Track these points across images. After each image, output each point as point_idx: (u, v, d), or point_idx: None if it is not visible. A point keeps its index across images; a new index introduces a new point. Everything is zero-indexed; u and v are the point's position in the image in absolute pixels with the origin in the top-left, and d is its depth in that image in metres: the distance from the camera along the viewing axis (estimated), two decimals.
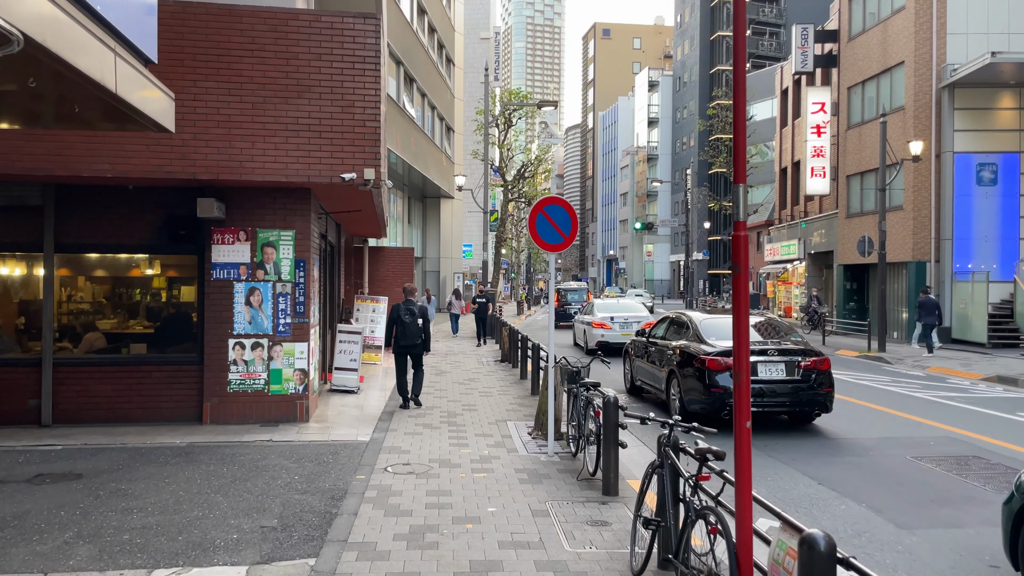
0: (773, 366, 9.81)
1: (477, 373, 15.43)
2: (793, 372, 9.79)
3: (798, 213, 33.91)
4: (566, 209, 8.24)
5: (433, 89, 35.22)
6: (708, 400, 9.75)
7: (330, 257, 14.75)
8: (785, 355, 9.92)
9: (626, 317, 20.04)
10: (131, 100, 4.49)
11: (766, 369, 9.75)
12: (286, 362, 9.49)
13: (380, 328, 16.61)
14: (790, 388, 9.77)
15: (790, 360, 9.84)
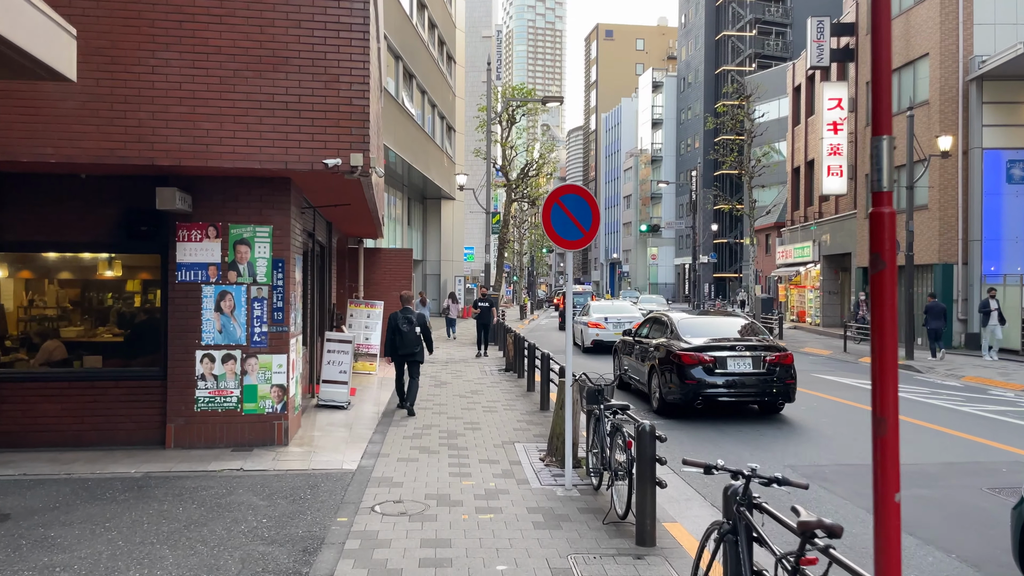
0: (741, 360, 10.87)
1: (480, 384, 14.21)
2: (759, 366, 10.87)
3: (812, 214, 32.69)
4: (586, 199, 7.02)
5: (433, 87, 34.07)
6: (682, 392, 10.86)
7: (320, 258, 13.55)
8: (752, 350, 10.96)
9: (619, 318, 21.46)
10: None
11: (734, 363, 10.84)
12: (262, 377, 8.27)
13: (375, 335, 15.40)
14: (756, 380, 10.83)
15: (756, 355, 10.89)
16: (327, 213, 12.20)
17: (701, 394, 10.73)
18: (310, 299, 11.73)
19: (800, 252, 33.39)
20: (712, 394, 10.75)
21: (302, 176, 8.13)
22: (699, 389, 10.72)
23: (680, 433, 9.97)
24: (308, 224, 10.93)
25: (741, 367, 10.82)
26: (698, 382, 10.71)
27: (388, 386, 13.72)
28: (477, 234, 57.66)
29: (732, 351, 10.92)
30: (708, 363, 10.78)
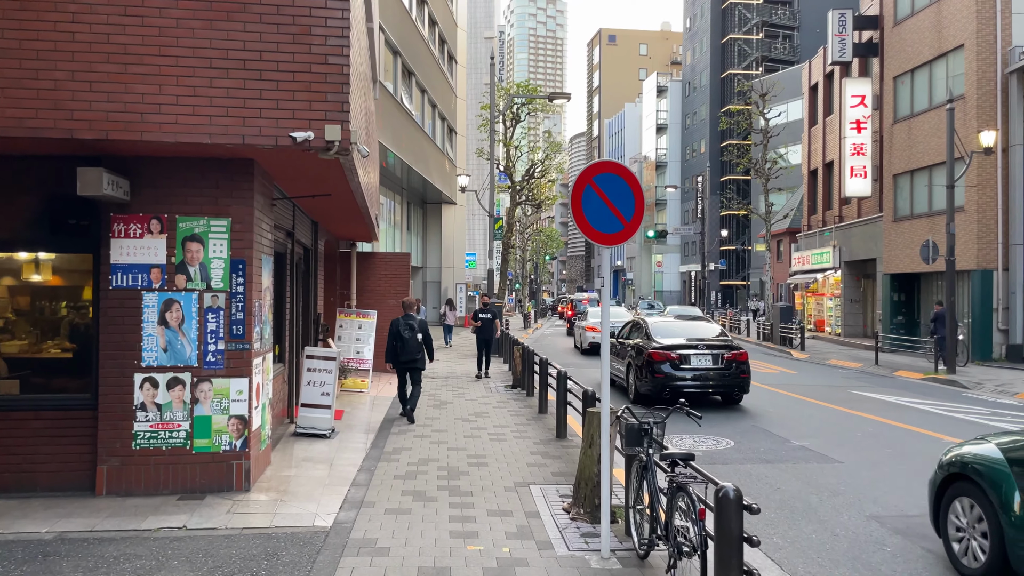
0: (703, 357, 12.53)
1: (485, 404, 12.59)
2: (718, 362, 12.56)
3: (831, 218, 31.10)
4: (626, 180, 5.42)
5: (434, 86, 32.56)
6: (652, 384, 12.52)
7: (305, 262, 11.95)
8: (712, 349, 12.64)
9: (613, 322, 23.05)
10: None
11: (697, 360, 12.53)
12: (217, 406, 6.66)
13: (368, 348, 13.80)
14: (716, 374, 12.48)
15: (716, 353, 12.57)
16: (309, 209, 10.60)
17: (668, 386, 12.37)
18: (291, 309, 10.13)
19: (818, 258, 31.78)
20: (678, 386, 12.34)
21: (267, 156, 6.53)
22: (667, 382, 12.43)
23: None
24: (285, 221, 9.33)
25: (703, 363, 12.55)
26: (666, 376, 12.48)
27: (381, 406, 12.11)
28: (479, 240, 56.03)
29: (695, 349, 12.68)
30: (674, 359, 12.52)
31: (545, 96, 24.54)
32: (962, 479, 5.39)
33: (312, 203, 10.15)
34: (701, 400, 13.03)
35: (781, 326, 27.76)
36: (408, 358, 10.82)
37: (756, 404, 13.24)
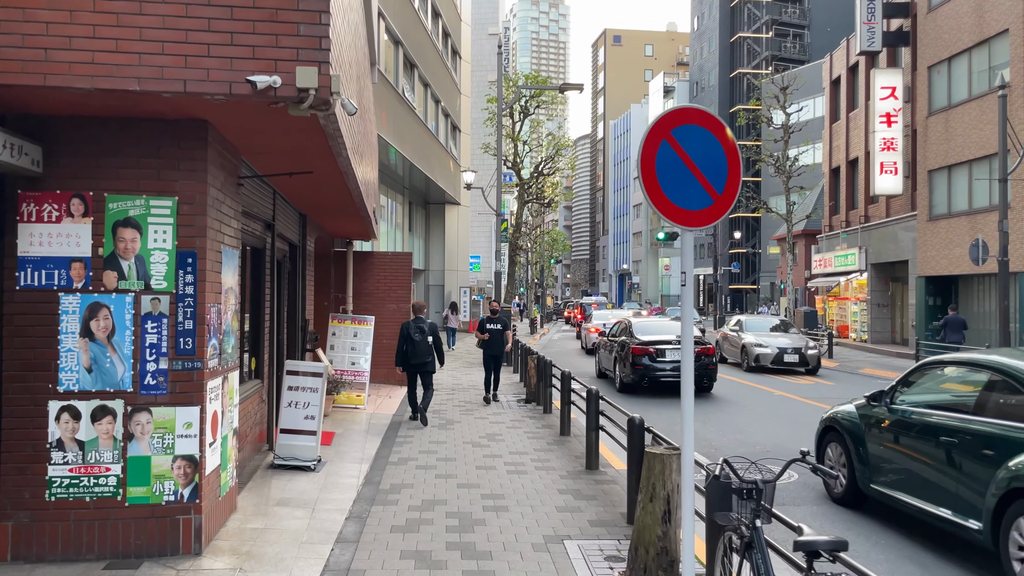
0: (676, 351, 14.10)
1: (497, 423, 10.99)
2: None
3: (856, 218, 29.49)
4: (718, 136, 3.86)
5: (437, 80, 31.05)
6: (633, 374, 14.51)
7: (291, 261, 10.39)
8: None
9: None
10: None
11: (671, 353, 14.40)
12: (158, 443, 5.08)
13: (364, 358, 12.24)
14: None
15: None
16: (293, 196, 9.03)
17: (647, 376, 14.57)
18: (271, 314, 8.56)
19: (842, 261, 30.17)
20: (655, 376, 14.54)
21: (224, 114, 4.96)
22: (646, 372, 14.58)
23: (633, 403, 13.58)
24: (261, 209, 7.77)
25: (676, 356, 14.15)
26: (645, 367, 14.58)
27: (379, 426, 10.53)
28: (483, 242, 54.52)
29: (670, 344, 14.70)
30: (652, 353, 14.65)
31: (555, 87, 22.98)
32: (832, 430, 7.44)
33: (296, 190, 8.59)
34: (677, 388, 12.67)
35: (805, 332, 26.13)
36: (418, 361, 10.82)
37: (805, 421, 11.64)
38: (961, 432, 5.75)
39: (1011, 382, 5.61)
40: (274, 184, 8.12)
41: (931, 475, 5.99)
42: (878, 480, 6.65)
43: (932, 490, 5.92)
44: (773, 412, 12.90)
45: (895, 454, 6.47)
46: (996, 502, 5.16)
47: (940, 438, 5.93)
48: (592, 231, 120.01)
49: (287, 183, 8.06)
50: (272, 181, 7.48)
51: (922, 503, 6.02)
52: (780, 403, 14.09)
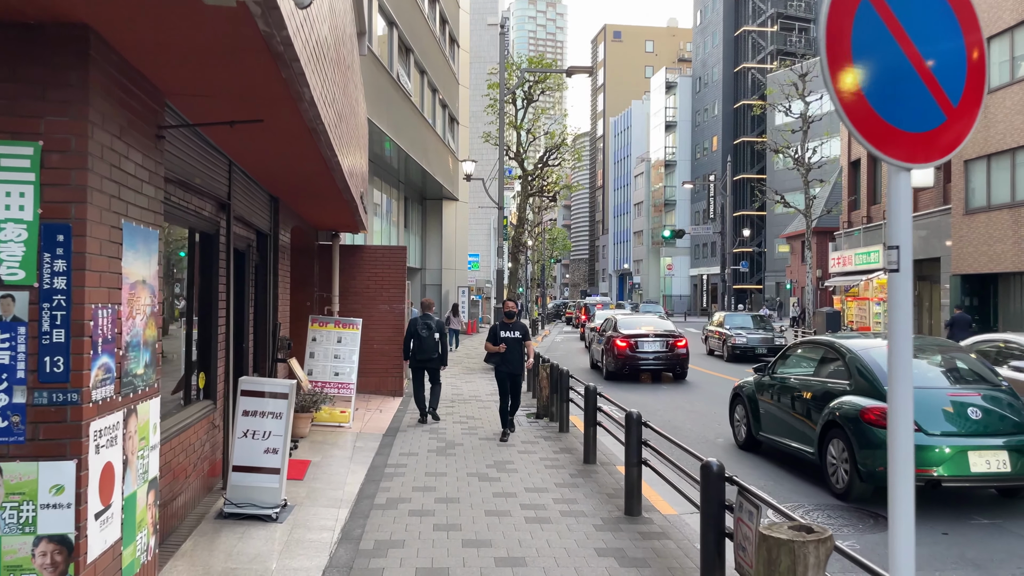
0: (653, 343, 17.11)
1: (507, 446, 9.25)
2: (665, 347, 17.10)
3: (878, 214, 27.79)
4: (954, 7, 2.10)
5: (435, 68, 29.32)
6: (616, 364, 17.11)
7: (260, 253, 8.66)
8: (660, 337, 17.20)
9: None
10: None
11: (649, 345, 17.10)
12: (12, 519, 3.33)
13: (350, 367, 10.52)
14: (662, 356, 17.07)
15: (663, 339, 17.16)
16: (254, 166, 7.27)
17: (628, 364, 16.89)
18: (226, 318, 6.81)
19: (863, 258, 28.47)
20: (635, 364, 16.92)
21: (108, 7, 3.20)
22: (626, 361, 16.88)
23: (616, 389, 15.35)
24: (209, 181, 6.02)
25: (654, 348, 16.96)
26: (626, 357, 16.88)
27: (366, 450, 8.77)
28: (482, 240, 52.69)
29: (647, 338, 17.07)
30: (632, 345, 16.95)
31: (562, 71, 21.26)
32: (738, 396, 9.85)
33: (260, 162, 6.84)
34: (657, 376, 17.52)
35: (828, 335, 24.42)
36: (425, 357, 10.97)
37: None
38: (805, 389, 8.22)
39: (833, 352, 8.14)
40: (229, 152, 6.37)
41: (791, 421, 8.37)
42: (764, 429, 9.05)
43: (791, 432, 8.29)
44: (724, 394, 12.72)
45: (772, 409, 8.85)
46: (819, 433, 7.61)
47: (794, 394, 8.41)
48: (591, 230, 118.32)
49: (246, 152, 6.31)
50: (213, 136, 5.71)
51: (787, 441, 8.41)
52: None
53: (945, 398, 6.99)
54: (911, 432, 2.46)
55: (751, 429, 9.29)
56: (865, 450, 6.85)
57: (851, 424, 7.06)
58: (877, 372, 7.27)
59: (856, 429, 6.98)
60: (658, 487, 7.01)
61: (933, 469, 6.51)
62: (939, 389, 7.19)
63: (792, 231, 47.07)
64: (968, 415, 6.82)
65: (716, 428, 11.05)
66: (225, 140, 5.81)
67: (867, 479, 6.85)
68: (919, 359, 7.67)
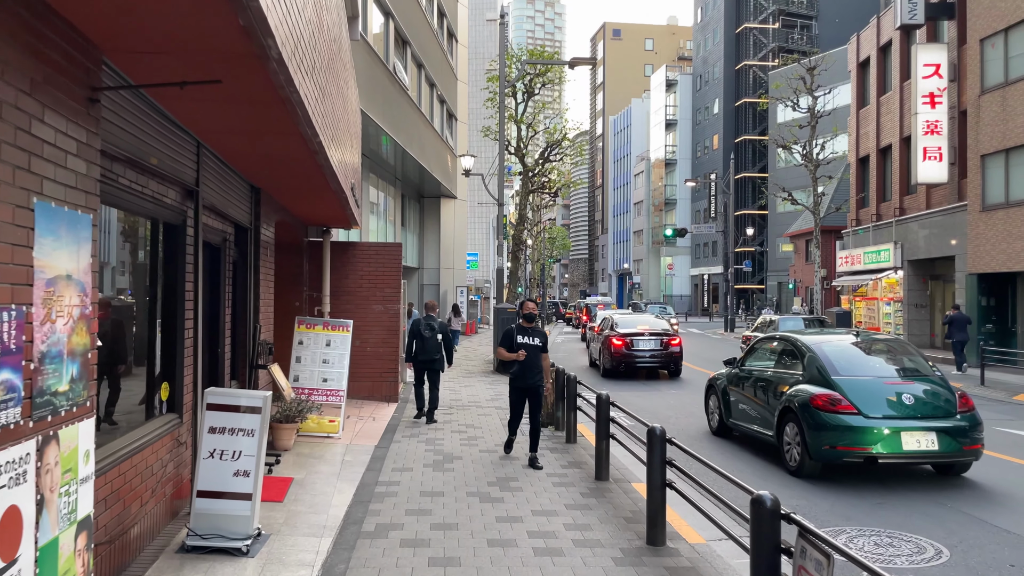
0: (648, 341, 17.52)
1: (510, 460, 8.46)
2: (659, 345, 17.54)
3: (889, 211, 27.03)
4: None
5: (432, 62, 28.55)
6: (612, 360, 17.49)
7: (239, 249, 7.89)
8: (655, 336, 17.66)
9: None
10: None
11: (644, 343, 17.50)
12: None
13: (339, 372, 9.74)
14: (656, 353, 17.47)
15: (658, 338, 17.61)
16: (228, 150, 6.47)
17: (623, 362, 17.38)
18: (194, 319, 6.02)
19: (873, 257, 27.72)
20: (630, 362, 17.40)
21: None
22: (622, 359, 17.36)
23: (613, 385, 15.91)
24: (174, 164, 5.24)
25: (649, 346, 17.45)
26: (621, 355, 17.35)
27: (357, 463, 7.99)
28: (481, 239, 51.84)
29: (642, 336, 17.54)
30: (627, 343, 17.41)
31: (564, 63, 20.49)
32: (711, 387, 10.77)
33: (234, 145, 6.06)
34: (653, 373, 18.16)
35: None
36: (427, 357, 11.10)
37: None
38: (766, 379, 9.09)
39: (791, 346, 9.00)
40: (194, 129, 5.58)
41: (755, 408, 9.13)
42: (733, 416, 9.83)
43: (755, 418, 9.04)
44: None
45: (740, 398, 9.64)
46: (777, 418, 8.45)
47: (758, 384, 9.23)
48: (590, 230, 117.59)
49: (214, 129, 5.52)
50: (171, 107, 4.91)
51: (751, 426, 9.20)
52: None
53: (883, 386, 7.97)
54: None
55: (722, 417, 10.24)
56: (813, 432, 7.78)
57: (802, 409, 7.97)
58: (826, 364, 8.27)
59: (806, 414, 7.90)
60: (680, 507, 6.24)
61: (871, 447, 7.50)
62: (879, 379, 8.17)
63: (796, 230, 46.32)
64: (903, 401, 7.78)
65: (693, 419, 11.84)
66: (186, 113, 5.02)
67: (816, 457, 7.81)
68: (864, 353, 8.89)
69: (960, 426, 7.66)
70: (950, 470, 8.19)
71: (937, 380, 8.24)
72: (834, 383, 7.93)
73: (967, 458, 7.88)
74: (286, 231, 11.31)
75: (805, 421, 7.84)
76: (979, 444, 7.77)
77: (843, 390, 7.81)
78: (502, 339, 8.49)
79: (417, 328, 11.17)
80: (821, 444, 7.66)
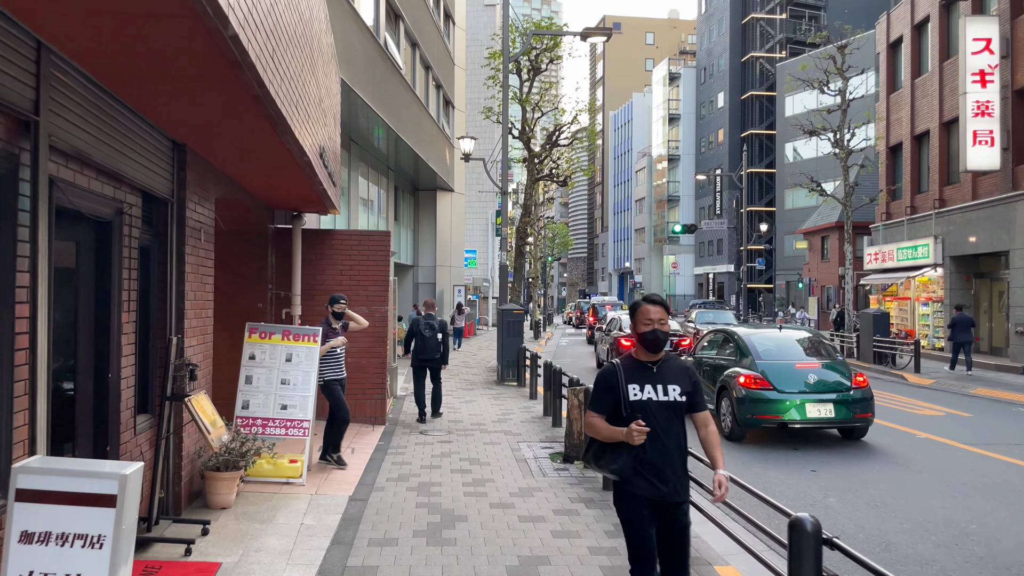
0: None
1: (534, 520, 6.14)
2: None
3: (927, 203, 24.76)
4: None
5: (428, 42, 26.23)
6: None
7: (155, 230, 5.57)
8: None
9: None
10: None
11: None
12: None
13: (304, 393, 7.40)
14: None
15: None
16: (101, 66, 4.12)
17: None
18: (29, 330, 3.68)
19: (909, 253, 25.43)
20: None
21: None
22: None
23: None
24: None
25: None
26: None
27: (322, 528, 5.65)
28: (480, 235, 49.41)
29: None
30: None
31: (576, 33, 18.17)
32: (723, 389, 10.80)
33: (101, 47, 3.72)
34: None
35: (876, 339, 21.42)
36: (427, 356, 11.12)
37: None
38: (710, 364, 11.30)
39: (728, 336, 11.27)
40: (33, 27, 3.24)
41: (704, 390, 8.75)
42: None
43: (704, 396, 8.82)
44: None
45: None
46: (716, 394, 10.52)
47: (704, 368, 11.40)
48: (590, 228, 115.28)
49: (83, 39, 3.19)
50: None
51: None
52: None
53: (794, 368, 9.97)
54: None
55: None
56: (740, 404, 9.76)
57: (732, 386, 9.96)
58: (752, 350, 10.36)
59: (735, 390, 9.88)
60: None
61: (782, 415, 9.52)
62: (791, 361, 10.14)
63: (812, 226, 44.10)
64: (809, 379, 9.78)
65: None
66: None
67: (742, 424, 9.79)
68: (785, 341, 10.80)
69: (853, 398, 9.71)
70: (851, 434, 10.16)
71: (838, 363, 10.38)
72: (756, 365, 10.09)
73: (859, 424, 9.88)
74: (243, 214, 8.99)
75: (734, 396, 9.91)
76: (869, 413, 9.84)
77: (763, 371, 9.91)
78: (594, 393, 3.88)
79: (417, 327, 11.23)
80: (744, 414, 9.74)
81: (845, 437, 10.17)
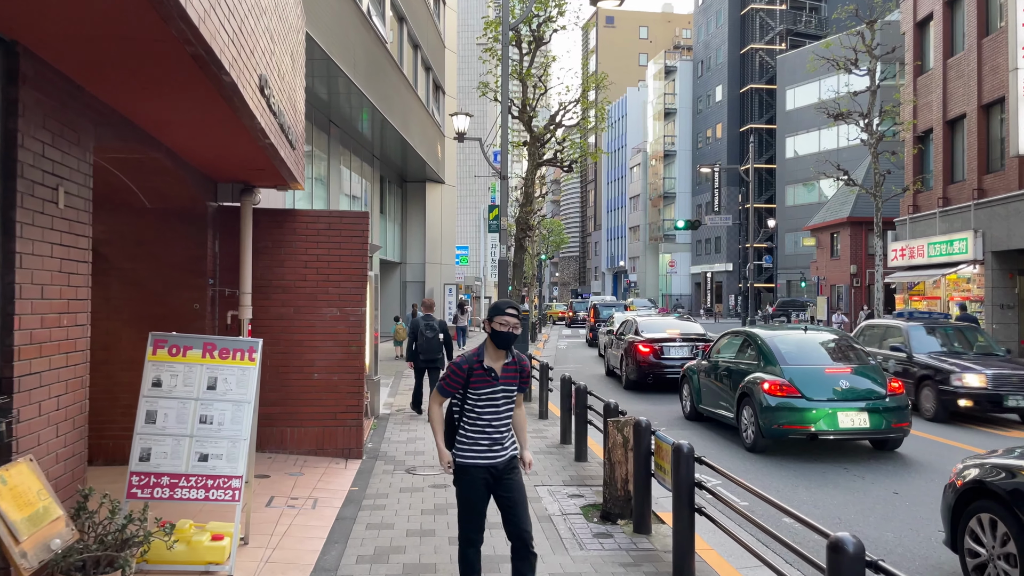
0: (680, 349, 15.43)
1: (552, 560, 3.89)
2: (693, 352, 15.16)
3: (964, 193, 22.65)
4: None
5: (417, 21, 23.95)
6: (637, 372, 15.36)
7: None
8: (688, 341, 15.66)
9: None
10: None
11: (675, 351, 15.39)
12: None
13: (236, 443, 5.03)
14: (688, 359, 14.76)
15: (692, 344, 15.53)
16: None
17: (652, 373, 15.28)
18: None
19: (943, 248, 23.31)
20: (660, 373, 15.22)
21: None
22: (650, 369, 15.30)
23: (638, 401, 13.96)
24: None
25: (680, 354, 15.32)
26: (649, 364, 15.31)
27: None
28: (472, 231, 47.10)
29: (673, 342, 15.69)
30: (656, 350, 15.42)
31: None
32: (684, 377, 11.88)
33: None
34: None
35: None
36: (428, 357, 11.22)
37: None
38: (729, 369, 10.54)
39: (749, 340, 10.50)
40: None
41: (721, 394, 10.58)
42: (703, 402, 11.23)
43: (720, 403, 10.53)
44: None
45: (709, 385, 11.08)
46: (736, 401, 9.87)
47: (721, 373, 10.74)
48: (582, 226, 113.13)
49: None
50: None
51: (717, 410, 10.67)
52: None
53: (824, 373, 9.37)
54: None
55: (694, 403, 11.48)
56: (764, 413, 9.10)
57: (756, 393, 9.33)
58: (776, 354, 9.74)
59: (759, 397, 9.23)
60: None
61: (811, 425, 8.84)
62: (820, 366, 9.55)
63: (820, 222, 42.03)
64: (840, 385, 9.14)
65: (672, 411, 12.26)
66: None
67: (767, 435, 9.12)
68: (809, 344, 10.18)
69: (888, 406, 8.96)
70: (884, 445, 9.46)
71: (870, 368, 9.60)
72: (782, 371, 9.30)
73: (896, 434, 9.14)
74: (170, 185, 6.68)
75: (757, 404, 9.16)
76: (906, 423, 9.09)
77: (791, 378, 9.14)
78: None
79: (417, 328, 11.33)
80: (771, 424, 9.00)
81: (877, 448, 9.60)
